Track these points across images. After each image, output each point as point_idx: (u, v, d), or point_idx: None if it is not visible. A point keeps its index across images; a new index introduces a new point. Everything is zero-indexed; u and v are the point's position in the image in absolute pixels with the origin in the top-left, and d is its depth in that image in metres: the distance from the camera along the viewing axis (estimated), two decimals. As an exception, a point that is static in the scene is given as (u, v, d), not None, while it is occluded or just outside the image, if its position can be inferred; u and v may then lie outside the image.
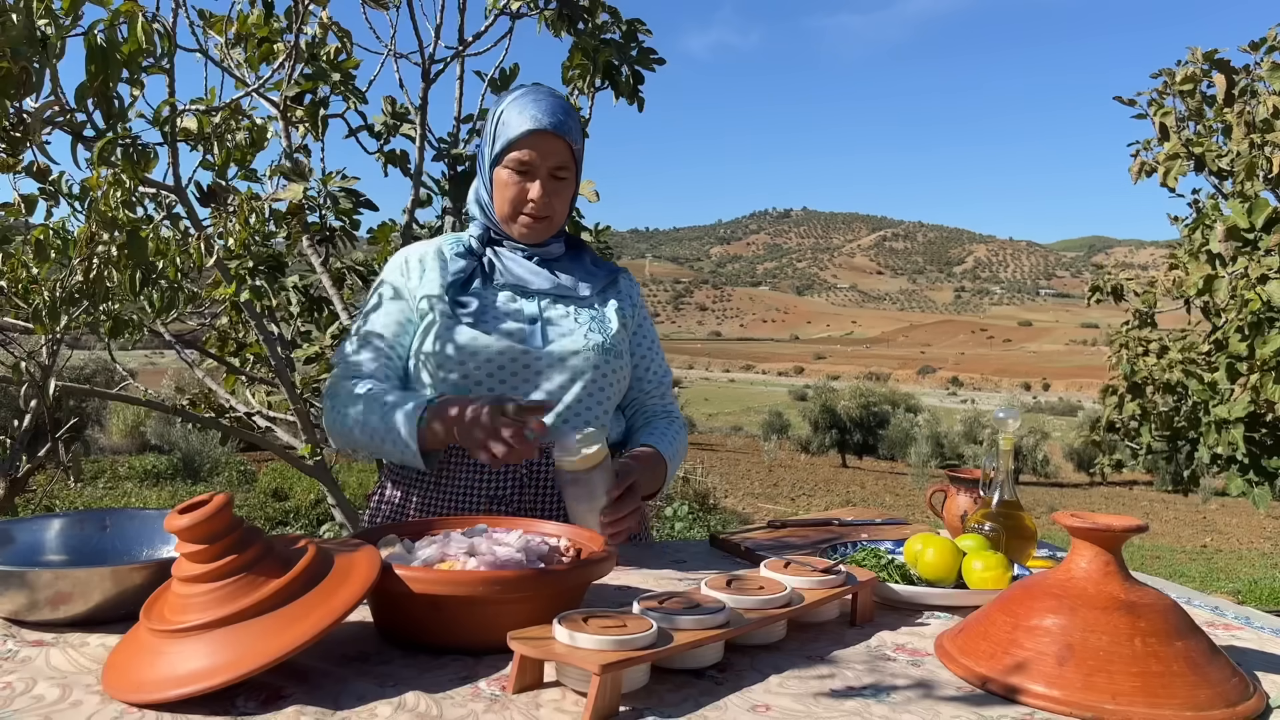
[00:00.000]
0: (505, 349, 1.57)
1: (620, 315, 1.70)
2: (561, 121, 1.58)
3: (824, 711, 0.94)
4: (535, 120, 1.56)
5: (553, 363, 1.59)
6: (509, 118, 1.58)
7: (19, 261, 2.15)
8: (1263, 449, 5.11)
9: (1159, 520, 15.21)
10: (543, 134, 1.56)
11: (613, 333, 1.66)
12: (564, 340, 1.61)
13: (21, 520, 1.26)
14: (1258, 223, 4.71)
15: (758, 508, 13.18)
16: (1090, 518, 1.08)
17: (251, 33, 2.71)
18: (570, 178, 1.63)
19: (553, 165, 1.59)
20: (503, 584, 1.04)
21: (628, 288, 1.78)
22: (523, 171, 1.59)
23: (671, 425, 1.74)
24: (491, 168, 1.62)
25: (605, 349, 1.63)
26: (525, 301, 1.63)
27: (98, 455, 11.81)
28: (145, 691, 0.91)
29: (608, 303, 1.71)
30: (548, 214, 1.62)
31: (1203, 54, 5.53)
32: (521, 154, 1.57)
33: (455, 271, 1.62)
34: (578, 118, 1.65)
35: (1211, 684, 0.98)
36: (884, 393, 25.99)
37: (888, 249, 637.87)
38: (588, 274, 1.71)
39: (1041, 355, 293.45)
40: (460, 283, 1.61)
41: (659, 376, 1.80)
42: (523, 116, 1.57)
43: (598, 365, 1.61)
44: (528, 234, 1.63)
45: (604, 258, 1.91)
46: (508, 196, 1.60)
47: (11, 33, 1.60)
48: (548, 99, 1.60)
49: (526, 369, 1.57)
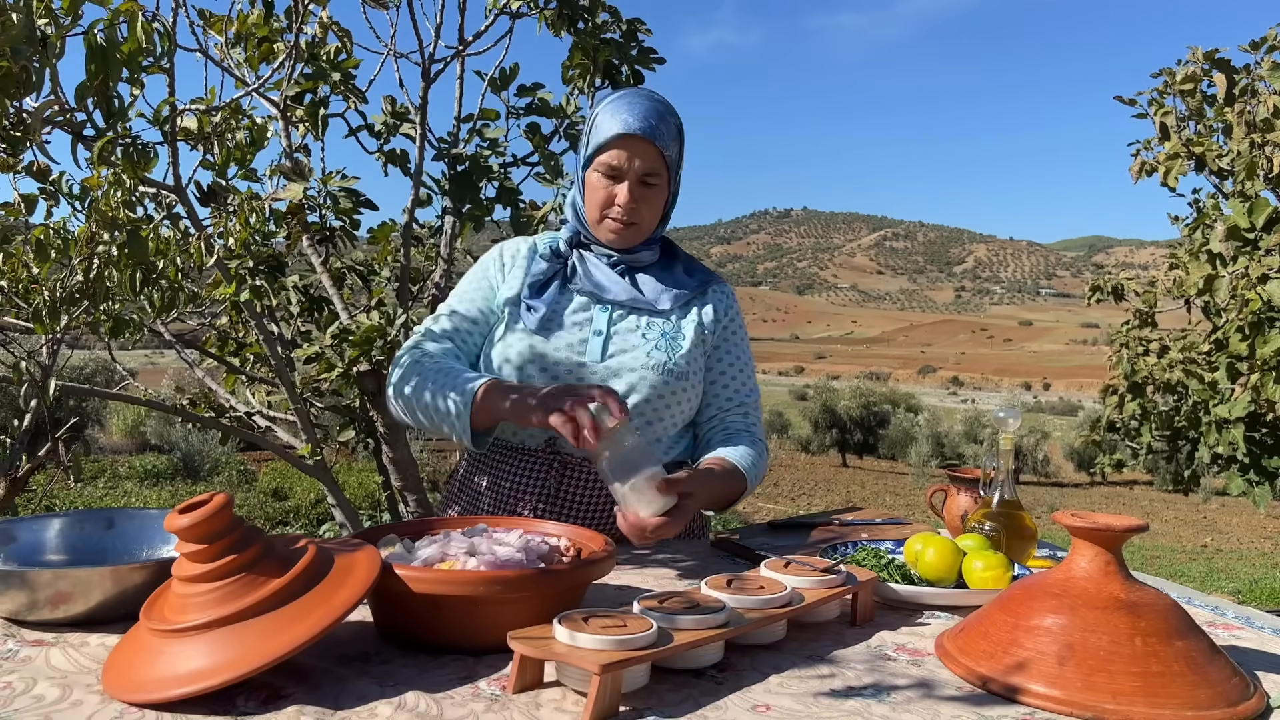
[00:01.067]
0: (562, 360, 1.57)
1: (698, 331, 1.65)
2: (653, 126, 1.55)
3: (824, 711, 0.94)
4: (625, 124, 1.54)
5: (607, 377, 1.57)
6: (602, 120, 1.57)
7: (19, 261, 2.15)
8: (1263, 449, 5.11)
9: (1159, 520, 15.21)
10: (632, 138, 1.55)
11: (681, 351, 1.61)
12: (623, 356, 1.59)
13: (21, 520, 1.26)
14: (1258, 222, 4.70)
15: (758, 508, 13.18)
16: (1090, 517, 1.08)
17: (251, 32, 2.71)
18: (661, 184, 1.60)
19: (642, 170, 1.57)
20: (503, 584, 1.04)
21: (717, 300, 1.71)
22: (611, 175, 1.57)
23: (755, 446, 1.65)
24: (584, 170, 1.61)
25: (667, 369, 1.59)
26: (597, 310, 1.62)
27: (98, 455, 11.81)
28: (145, 691, 0.91)
29: (688, 315, 1.67)
30: (635, 220, 1.60)
31: (1203, 53, 5.53)
32: (610, 157, 1.56)
33: (537, 272, 1.62)
34: (676, 124, 1.61)
35: (1212, 684, 0.98)
36: (884, 392, 25.97)
37: (888, 249, 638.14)
38: (676, 283, 1.68)
39: (1042, 355, 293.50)
40: (539, 284, 1.61)
41: (741, 395, 1.70)
42: (614, 120, 1.55)
43: (654, 385, 1.58)
44: (614, 239, 1.62)
45: None
46: (596, 200, 1.60)
47: (11, 32, 1.60)
48: (644, 102, 1.58)
49: (580, 381, 1.56)
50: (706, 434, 1.69)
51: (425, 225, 3.53)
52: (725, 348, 1.71)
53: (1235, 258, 4.79)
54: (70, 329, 2.22)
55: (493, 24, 3.08)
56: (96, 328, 2.25)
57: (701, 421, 1.70)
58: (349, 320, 2.97)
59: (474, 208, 3.08)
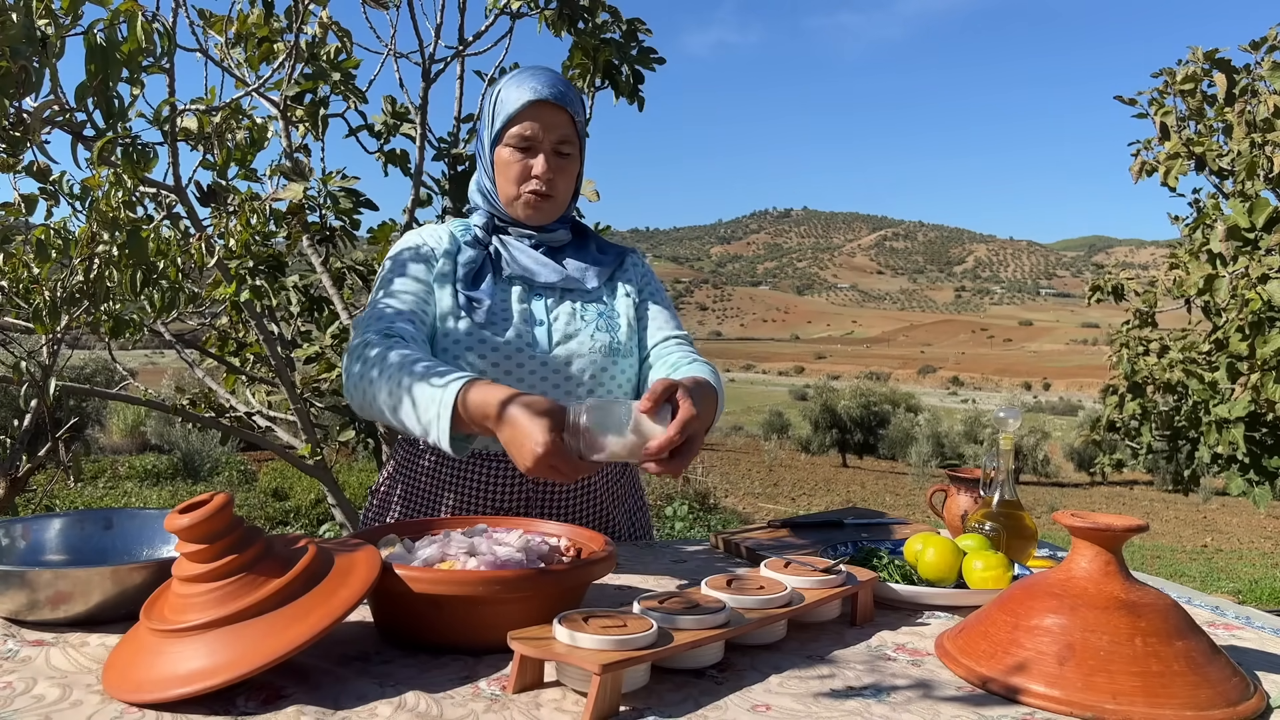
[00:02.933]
0: (514, 353, 1.54)
1: (629, 307, 1.65)
2: (562, 93, 1.53)
3: (824, 711, 0.94)
4: (535, 91, 1.51)
5: (559, 366, 1.56)
6: (506, 94, 1.54)
7: (19, 261, 2.15)
8: (1263, 448, 5.11)
9: (1159, 520, 15.20)
10: (544, 104, 1.52)
11: (620, 330, 1.62)
12: (570, 343, 1.57)
13: (21, 520, 1.26)
14: (1258, 222, 4.70)
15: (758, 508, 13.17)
16: (1090, 517, 1.08)
17: (251, 32, 2.71)
18: (574, 154, 1.58)
19: (555, 139, 1.54)
20: (503, 584, 1.04)
21: (634, 269, 1.71)
22: (524, 147, 1.54)
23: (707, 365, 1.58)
24: (492, 149, 1.57)
25: (613, 349, 1.60)
26: (534, 301, 1.60)
27: (98, 455, 11.80)
28: (145, 691, 0.91)
29: (615, 293, 1.67)
30: (551, 192, 1.56)
31: (1203, 53, 5.53)
32: (523, 128, 1.52)
33: (465, 263, 1.58)
34: (578, 92, 1.60)
35: (1212, 684, 0.98)
36: (884, 392, 25.96)
37: (888, 249, 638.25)
38: (594, 260, 1.66)
39: (1042, 355, 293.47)
40: (471, 275, 1.57)
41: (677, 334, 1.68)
42: (521, 90, 1.52)
43: (605, 367, 1.59)
44: (533, 214, 1.58)
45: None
46: (510, 175, 1.55)
47: (11, 32, 1.60)
48: (545, 72, 1.56)
49: (534, 374, 1.55)
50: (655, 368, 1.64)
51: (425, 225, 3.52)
52: (650, 301, 1.69)
53: (1235, 258, 4.79)
54: (70, 329, 2.22)
55: (493, 24, 3.08)
56: (96, 328, 2.25)
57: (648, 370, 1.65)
58: (349, 320, 2.97)
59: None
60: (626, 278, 1.69)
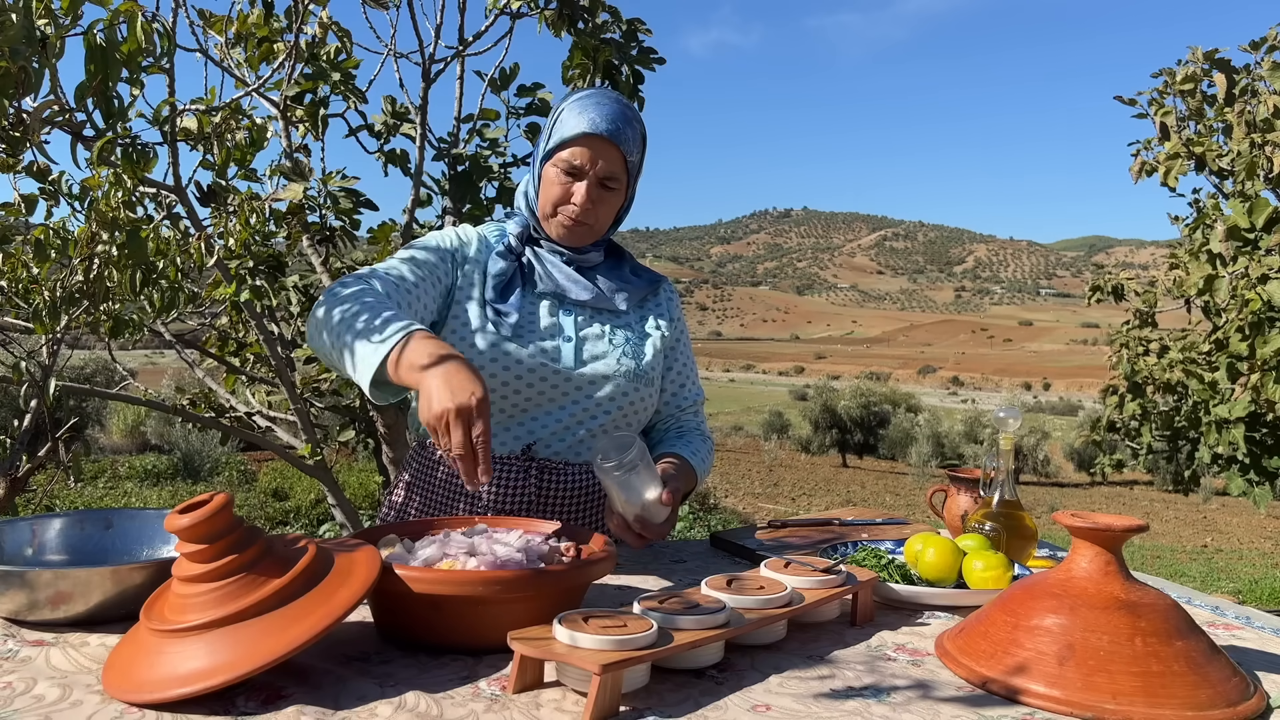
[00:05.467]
0: (538, 366, 1.54)
1: (658, 339, 1.67)
2: (619, 130, 1.53)
3: (824, 711, 0.94)
4: (592, 124, 1.51)
5: (582, 384, 1.56)
6: (567, 116, 1.54)
7: (19, 261, 2.15)
8: (1263, 449, 5.11)
9: (1159, 520, 15.20)
10: (597, 138, 1.52)
11: (646, 359, 1.63)
12: (596, 364, 1.58)
13: (21, 520, 1.26)
14: (1258, 222, 4.71)
15: (758, 508, 13.17)
16: (1090, 517, 1.08)
17: (251, 32, 2.71)
18: (620, 189, 1.58)
19: (603, 172, 1.54)
20: (503, 584, 1.04)
21: (667, 301, 1.74)
22: (570, 173, 1.54)
23: (705, 443, 1.72)
24: (542, 163, 1.58)
25: (637, 375, 1.60)
26: (564, 317, 1.60)
27: (98, 455, 11.80)
28: (145, 691, 0.91)
29: (645, 319, 1.68)
30: (588, 221, 1.57)
31: (1203, 53, 5.53)
32: (572, 154, 1.53)
33: (496, 274, 1.58)
34: (641, 131, 1.60)
35: (1212, 684, 0.98)
36: (884, 392, 25.96)
37: (888, 249, 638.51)
38: (626, 283, 1.67)
39: (1042, 355, 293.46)
40: (502, 285, 1.58)
41: (694, 395, 1.76)
42: (580, 118, 1.53)
43: (627, 392, 1.59)
44: (565, 235, 1.59)
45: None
46: (551, 195, 1.57)
47: (11, 32, 1.60)
48: (612, 105, 1.55)
49: (555, 389, 1.55)
50: (662, 430, 1.74)
51: (425, 225, 3.53)
52: (678, 350, 1.74)
53: (1235, 258, 4.80)
54: (70, 329, 2.22)
55: (493, 24, 3.08)
56: (96, 328, 2.25)
57: (657, 421, 1.74)
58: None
59: (474, 208, 3.08)
60: (660, 311, 1.71)
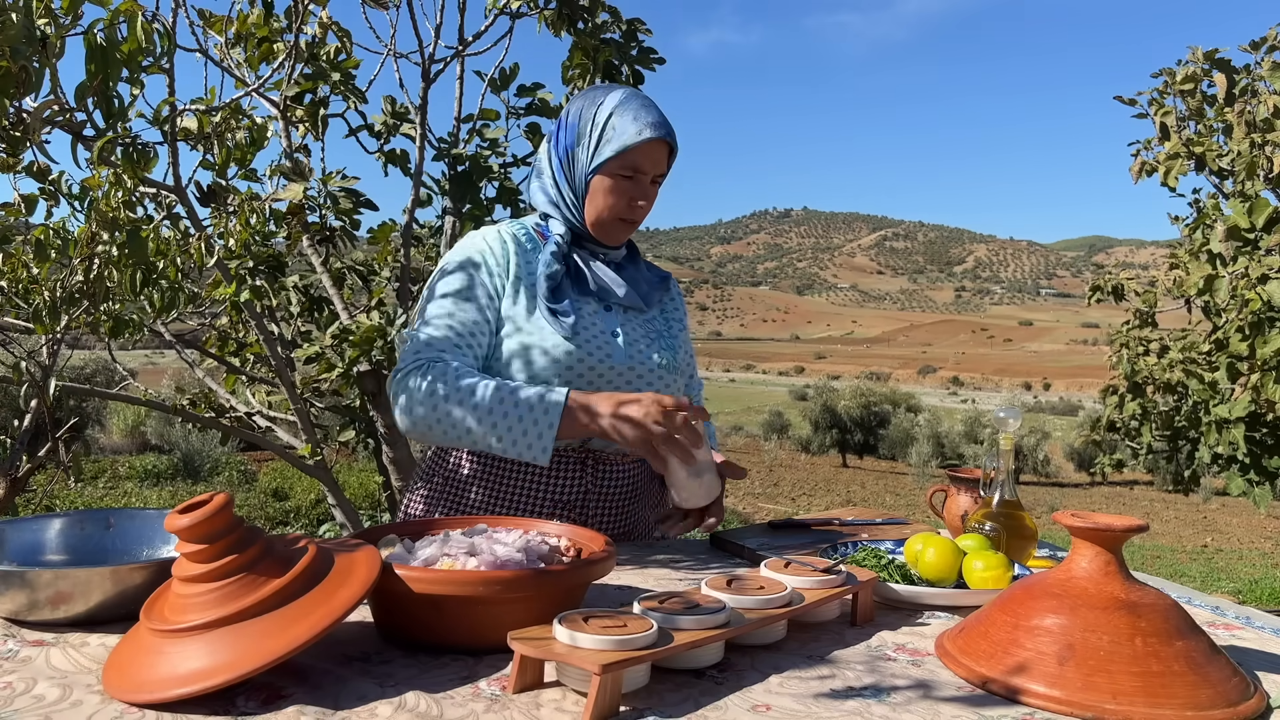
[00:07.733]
0: (596, 365, 1.57)
1: (678, 330, 1.75)
2: (671, 131, 1.59)
3: (824, 711, 0.94)
4: (654, 129, 1.55)
5: (631, 379, 1.61)
6: (621, 124, 1.55)
7: (19, 261, 2.15)
8: (1263, 449, 5.11)
9: (1159, 520, 15.21)
10: (659, 143, 1.57)
11: (676, 351, 1.70)
12: (642, 359, 1.63)
13: (21, 520, 1.26)
14: (1258, 222, 4.71)
15: (758, 508, 13.17)
16: (1090, 517, 1.08)
17: (251, 32, 2.71)
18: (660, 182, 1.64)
19: (656, 172, 1.60)
20: (503, 584, 1.04)
21: (677, 296, 1.82)
22: (629, 177, 1.57)
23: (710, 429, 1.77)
24: (593, 171, 1.58)
25: (674, 367, 1.67)
26: (608, 315, 1.64)
27: (98, 455, 11.80)
28: (145, 691, 0.91)
29: (666, 314, 1.75)
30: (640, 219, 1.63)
31: (1203, 53, 5.53)
32: (637, 161, 1.56)
33: (549, 276, 1.59)
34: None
35: (1212, 684, 0.98)
36: (884, 392, 25.96)
37: (888, 249, 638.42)
38: (646, 279, 1.73)
39: (1042, 355, 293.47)
40: (554, 287, 1.59)
41: (699, 385, 1.86)
42: (638, 124, 1.55)
43: (669, 384, 1.65)
44: (614, 236, 1.64)
45: None
46: (610, 203, 1.59)
47: (11, 32, 1.60)
48: (654, 107, 1.60)
49: (610, 385, 1.58)
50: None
51: (425, 225, 3.53)
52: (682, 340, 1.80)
53: (1235, 258, 4.80)
54: (70, 329, 2.22)
55: (493, 24, 3.08)
56: (96, 328, 2.25)
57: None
58: (349, 320, 2.97)
59: (474, 208, 3.08)
60: (674, 305, 1.79)
